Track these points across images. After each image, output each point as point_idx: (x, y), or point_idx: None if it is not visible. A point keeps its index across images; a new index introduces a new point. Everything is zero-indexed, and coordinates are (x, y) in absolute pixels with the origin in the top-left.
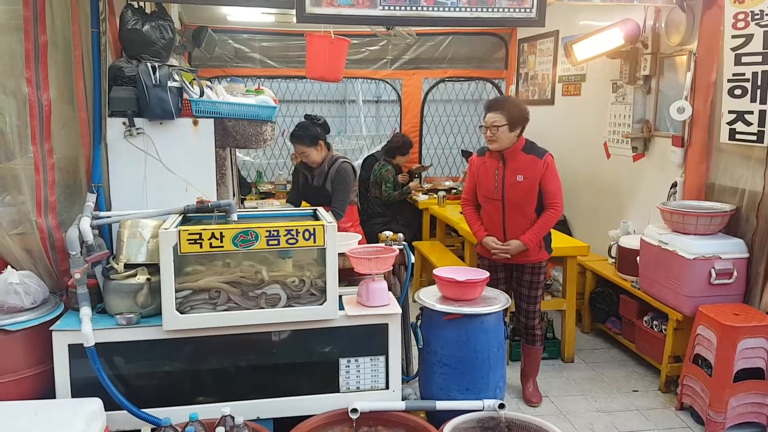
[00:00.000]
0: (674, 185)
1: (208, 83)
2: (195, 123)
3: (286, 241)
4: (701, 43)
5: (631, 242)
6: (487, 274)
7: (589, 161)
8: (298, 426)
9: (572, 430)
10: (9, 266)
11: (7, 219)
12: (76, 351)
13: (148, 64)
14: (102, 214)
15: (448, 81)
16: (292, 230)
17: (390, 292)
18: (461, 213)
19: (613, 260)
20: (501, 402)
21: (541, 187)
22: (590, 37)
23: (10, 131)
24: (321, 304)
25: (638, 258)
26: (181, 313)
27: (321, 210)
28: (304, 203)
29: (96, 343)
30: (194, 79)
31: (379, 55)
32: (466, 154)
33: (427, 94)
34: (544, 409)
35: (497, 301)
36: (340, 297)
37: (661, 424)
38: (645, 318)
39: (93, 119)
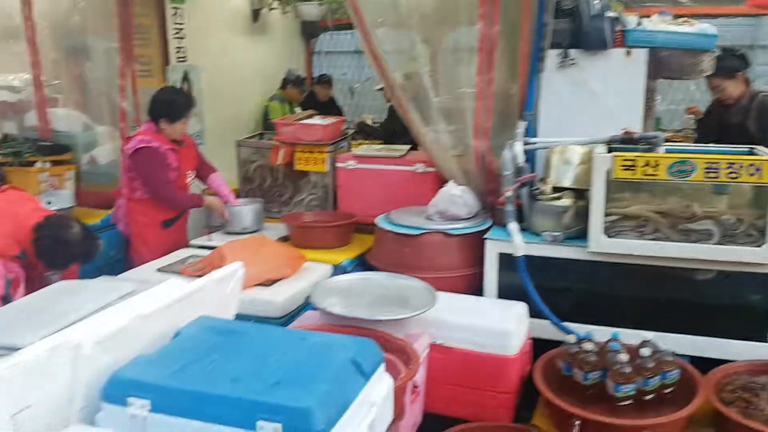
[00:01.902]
0: None
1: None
2: (627, 53)
3: (727, 175)
4: None
5: None
6: None
7: None
8: (723, 366)
9: None
10: (452, 181)
11: (449, 142)
12: (503, 260)
13: None
14: (532, 139)
15: None
16: (735, 164)
17: None
18: None
19: None
20: None
21: None
22: None
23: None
24: (759, 246)
25: None
26: (608, 237)
27: (761, 148)
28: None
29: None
30: (625, 9)
31: None
32: None
33: None
34: None
35: None
36: None
37: None
38: None
39: (532, 51)
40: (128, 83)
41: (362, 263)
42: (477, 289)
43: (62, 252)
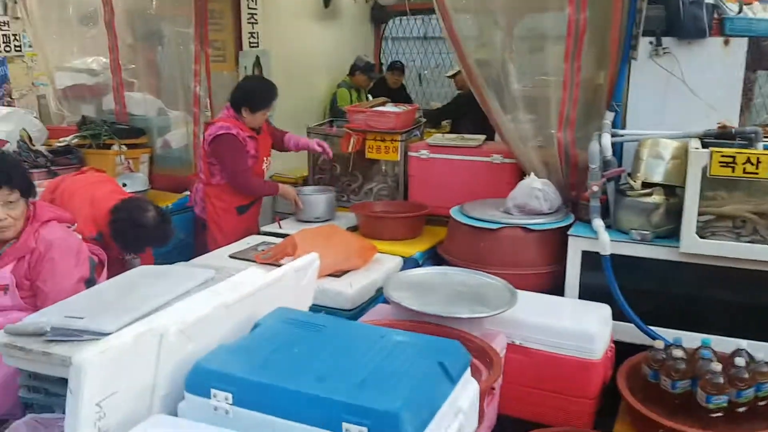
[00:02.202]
0: None
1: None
2: (726, 42)
3: None
4: None
5: None
6: None
7: None
8: None
9: None
10: (532, 173)
11: (530, 132)
12: (587, 257)
13: None
14: (621, 131)
15: None
16: None
17: None
18: None
19: None
20: None
21: None
22: None
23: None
24: None
25: None
26: (701, 237)
27: None
28: None
29: None
30: None
31: None
32: None
33: None
34: None
35: None
36: None
37: None
38: None
39: (623, 38)
40: (202, 68)
41: (433, 256)
42: (554, 288)
43: (137, 235)
